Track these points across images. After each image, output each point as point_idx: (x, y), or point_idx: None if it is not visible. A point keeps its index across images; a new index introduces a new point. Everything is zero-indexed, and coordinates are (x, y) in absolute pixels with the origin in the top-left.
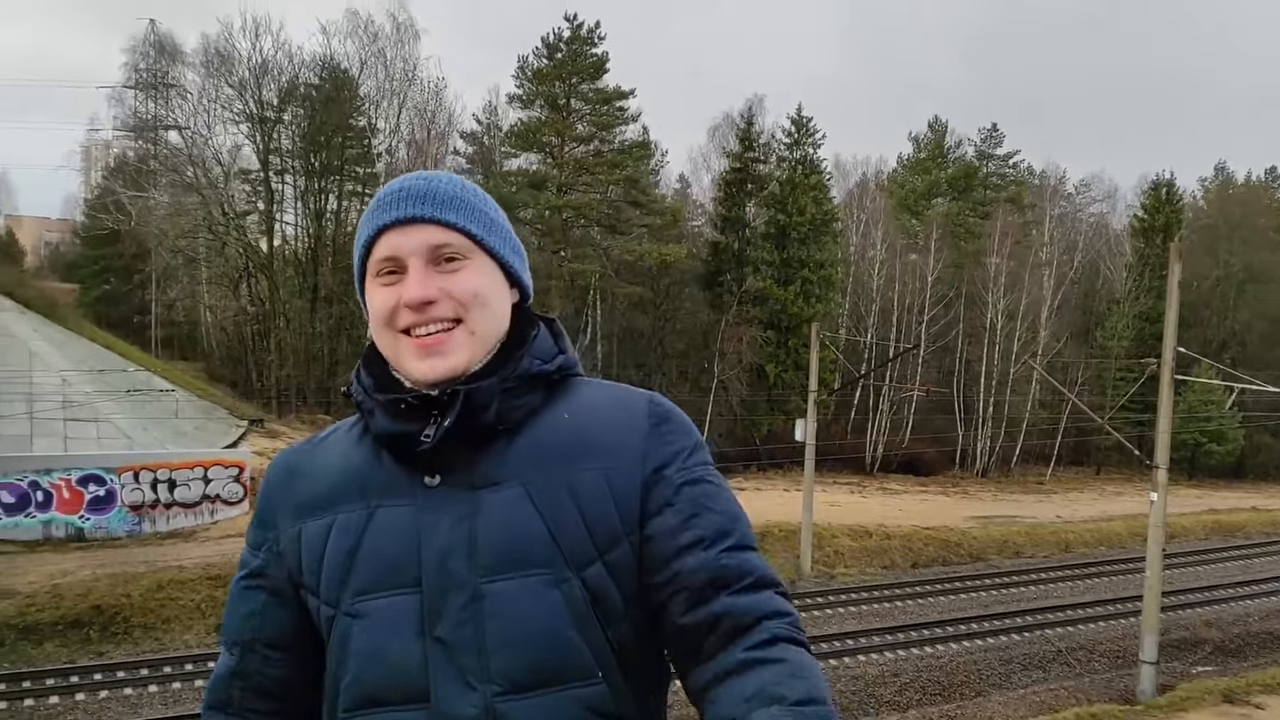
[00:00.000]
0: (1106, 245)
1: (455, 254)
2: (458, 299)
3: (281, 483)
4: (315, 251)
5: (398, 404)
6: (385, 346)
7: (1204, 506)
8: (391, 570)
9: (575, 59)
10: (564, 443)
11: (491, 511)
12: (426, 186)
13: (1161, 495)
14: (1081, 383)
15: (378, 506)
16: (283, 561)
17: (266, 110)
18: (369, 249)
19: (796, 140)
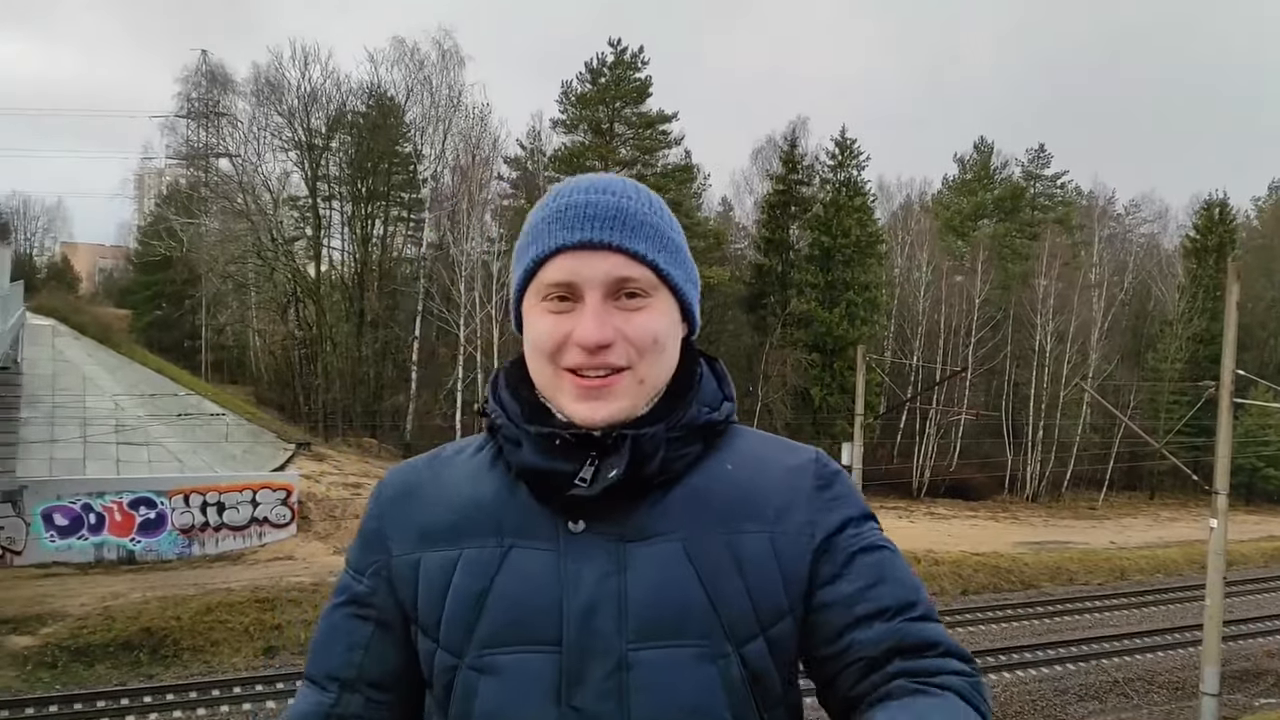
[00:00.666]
0: (1158, 266)
1: (638, 290)
2: (634, 344)
3: (398, 503)
4: (362, 276)
5: (552, 439)
6: (540, 376)
7: (1263, 533)
8: (527, 622)
9: (619, 83)
10: (726, 498)
11: (644, 568)
12: (615, 205)
13: (1222, 521)
14: (1134, 406)
15: (512, 546)
16: (393, 590)
17: (315, 138)
18: (538, 266)
19: (840, 162)
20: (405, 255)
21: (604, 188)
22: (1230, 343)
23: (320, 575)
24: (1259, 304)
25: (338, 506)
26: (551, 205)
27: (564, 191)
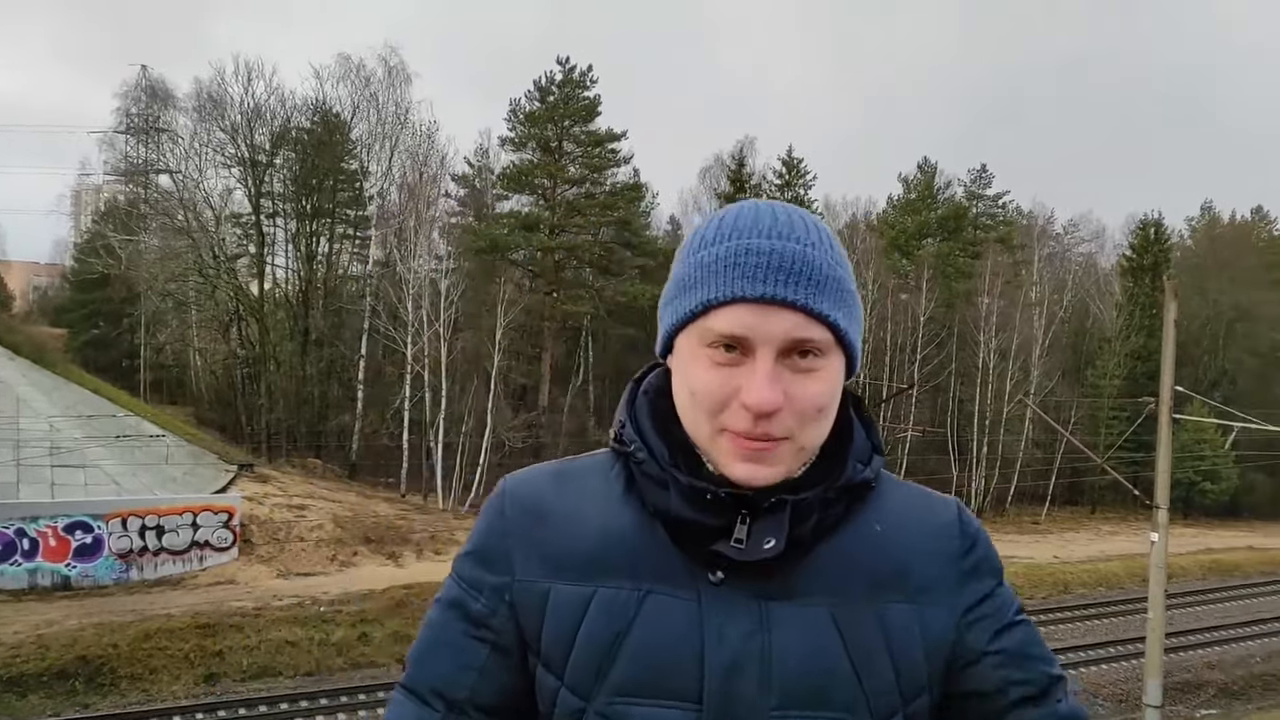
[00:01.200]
0: (1095, 284)
1: (814, 350)
2: (801, 412)
3: (526, 523)
4: (306, 294)
5: (703, 494)
6: (696, 426)
7: (1200, 546)
8: (665, 674)
9: (567, 102)
10: (874, 562)
11: (790, 630)
12: (802, 256)
13: (1162, 535)
14: (1075, 422)
15: (650, 591)
16: (514, 615)
17: (258, 154)
18: (706, 310)
19: (787, 181)
20: (351, 273)
21: (788, 231)
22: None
23: (264, 599)
24: (1194, 322)
25: (281, 529)
26: (729, 245)
27: (740, 229)
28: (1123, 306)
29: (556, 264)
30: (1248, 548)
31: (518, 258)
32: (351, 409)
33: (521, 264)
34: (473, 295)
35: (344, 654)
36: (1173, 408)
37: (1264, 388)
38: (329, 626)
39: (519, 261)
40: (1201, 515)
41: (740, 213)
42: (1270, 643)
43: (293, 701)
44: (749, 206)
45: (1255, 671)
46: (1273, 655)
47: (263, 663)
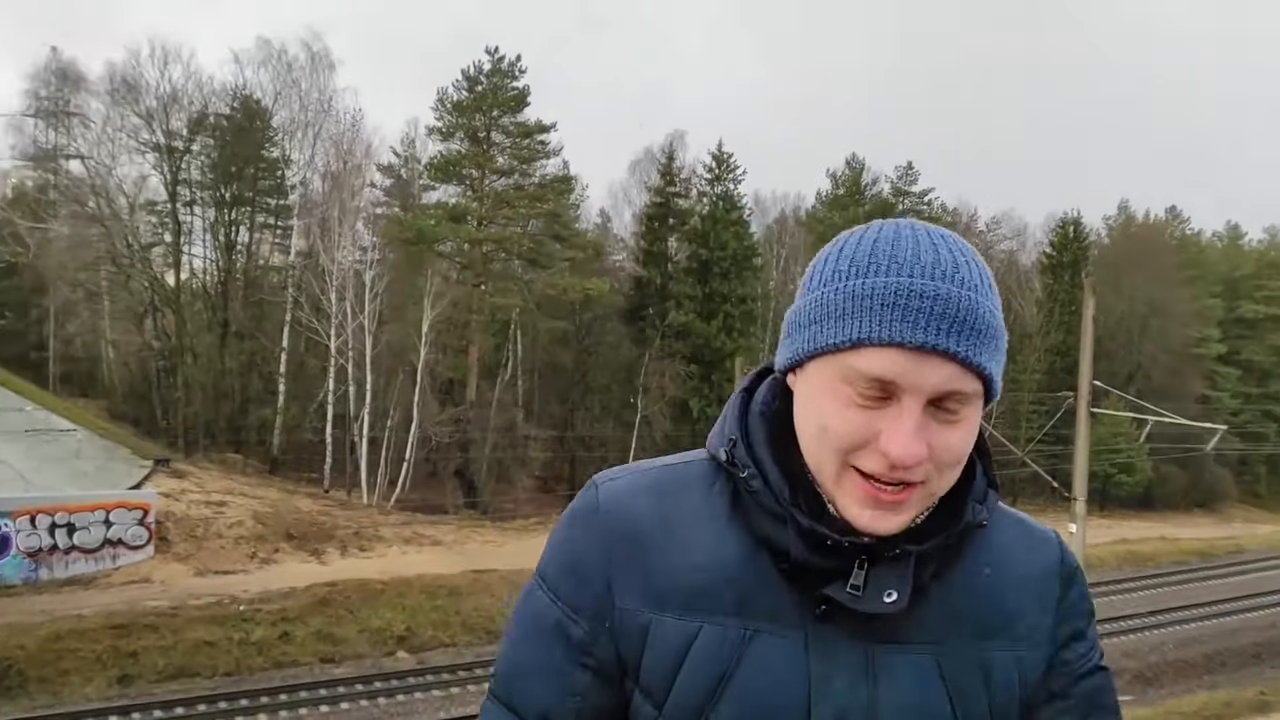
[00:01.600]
0: (1017, 281)
1: (962, 400)
2: (941, 462)
3: (626, 546)
4: (225, 285)
5: (824, 540)
6: (821, 463)
7: (1116, 537)
8: (770, 719)
9: (496, 92)
10: (982, 608)
11: (896, 679)
12: (966, 302)
13: (1081, 526)
14: (997, 416)
15: (757, 631)
16: (614, 642)
17: (175, 140)
18: (853, 347)
19: (717, 176)
20: (272, 263)
21: (952, 272)
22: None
23: (180, 598)
24: (1110, 317)
25: (199, 526)
26: (887, 281)
27: (901, 261)
28: (1043, 303)
29: (485, 256)
30: (1160, 538)
31: (445, 249)
32: (273, 403)
33: (449, 256)
34: (399, 287)
35: (265, 653)
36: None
37: (1177, 382)
38: (249, 626)
39: (446, 253)
40: (1117, 507)
41: (898, 240)
42: (1182, 630)
43: (211, 703)
44: (907, 233)
45: (1167, 658)
46: (1184, 642)
47: (179, 663)
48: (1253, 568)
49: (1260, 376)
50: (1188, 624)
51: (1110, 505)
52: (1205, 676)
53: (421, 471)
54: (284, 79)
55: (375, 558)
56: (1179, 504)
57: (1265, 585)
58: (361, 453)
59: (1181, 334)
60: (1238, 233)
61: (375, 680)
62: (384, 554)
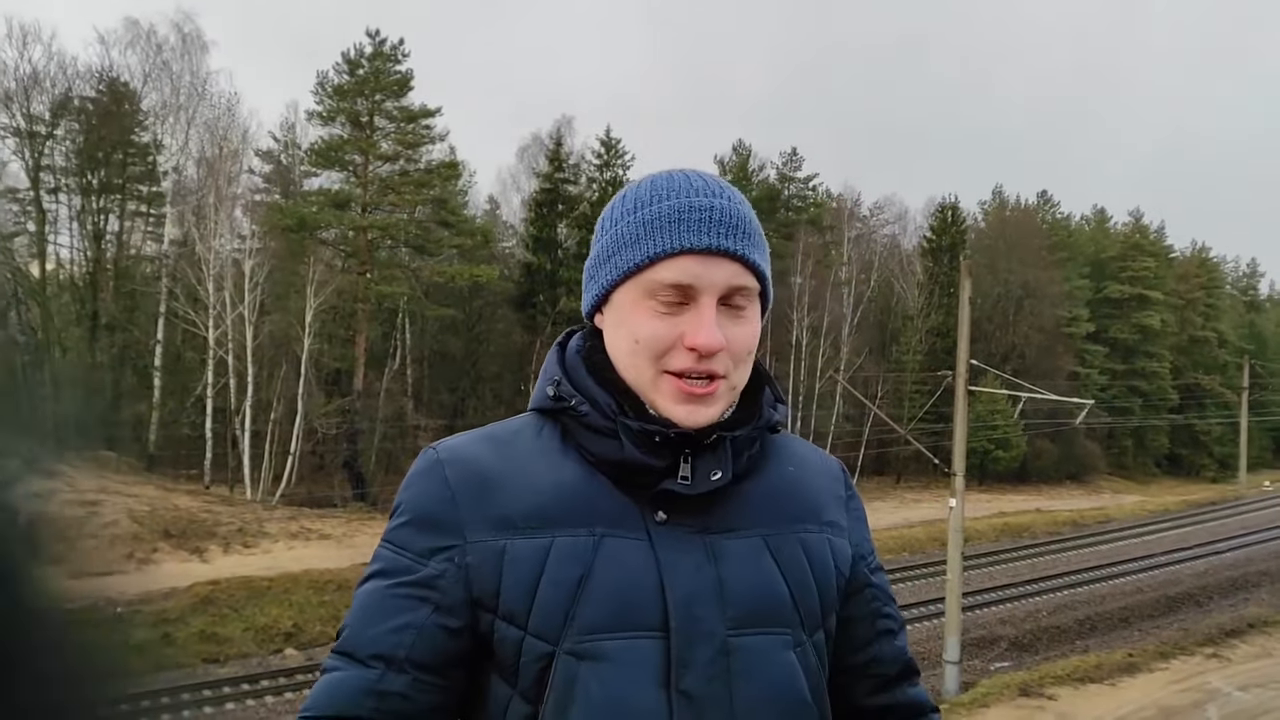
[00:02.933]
0: (899, 264)
1: (744, 298)
2: (735, 354)
3: (472, 487)
4: (94, 276)
5: (652, 436)
6: (637, 373)
7: (994, 510)
8: (631, 609)
9: (378, 75)
10: (793, 497)
11: (734, 560)
12: (736, 212)
13: (960, 501)
14: (881, 396)
15: (605, 535)
16: (464, 576)
17: (37, 124)
18: (651, 262)
19: (606, 161)
20: (145, 253)
21: (719, 190)
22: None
23: None
24: (987, 299)
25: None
26: (671, 203)
27: (676, 190)
28: (924, 285)
29: (370, 243)
30: (1035, 510)
31: (328, 237)
32: (148, 397)
33: (332, 243)
34: (280, 276)
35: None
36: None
37: (1049, 360)
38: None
39: (330, 241)
40: (995, 481)
41: (671, 178)
42: (1055, 598)
43: None
44: (676, 173)
45: (1043, 625)
46: (1057, 609)
47: None
48: (1120, 536)
49: (1125, 353)
50: (1060, 591)
51: (989, 480)
52: (1077, 641)
53: (308, 464)
54: (153, 61)
55: (260, 554)
56: (1052, 477)
57: (1131, 552)
58: (244, 447)
59: (1053, 314)
60: (1104, 216)
61: (262, 679)
62: (269, 550)
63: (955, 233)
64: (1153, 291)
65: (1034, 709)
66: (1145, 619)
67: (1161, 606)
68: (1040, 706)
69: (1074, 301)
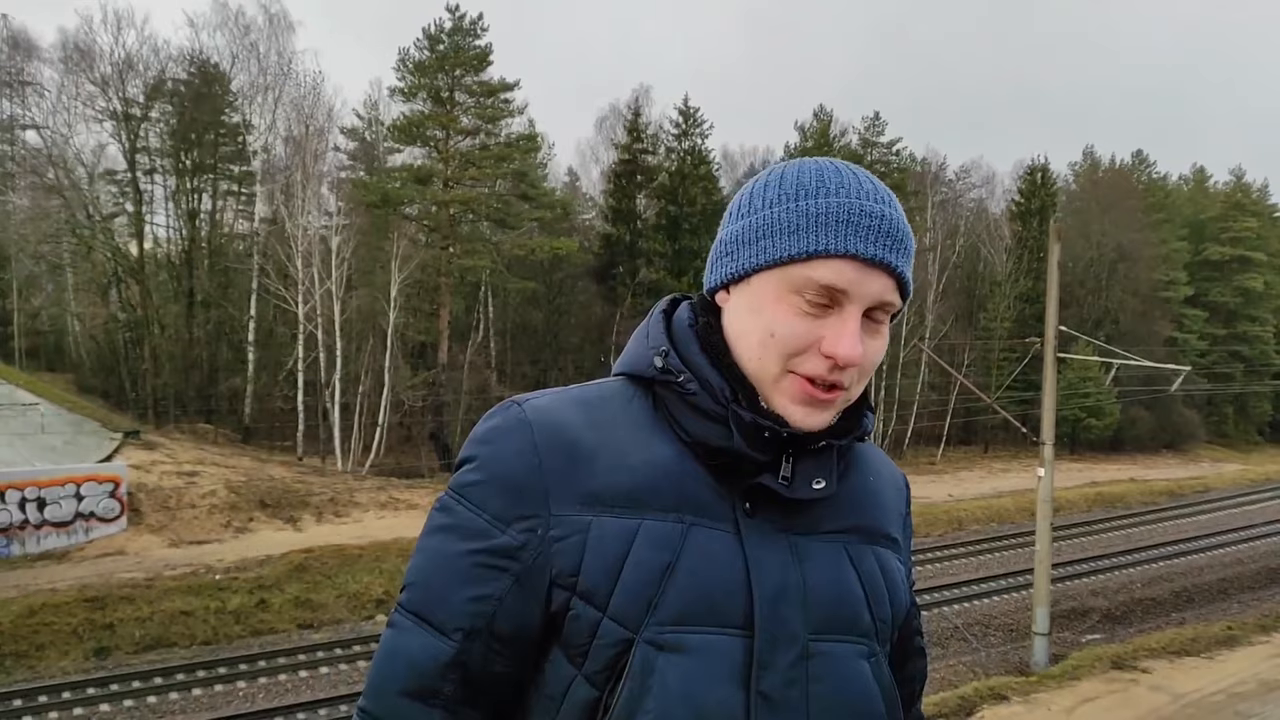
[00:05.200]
0: (986, 229)
1: (887, 313)
2: (864, 368)
3: (560, 457)
4: (190, 254)
5: (762, 431)
6: (761, 366)
7: (1086, 479)
8: (715, 603)
9: (458, 51)
10: (873, 507)
11: (817, 562)
12: (901, 225)
13: (1048, 470)
14: (968, 364)
15: (694, 524)
16: (547, 551)
17: (132, 107)
18: (808, 258)
19: (684, 131)
20: (237, 231)
21: (888, 199)
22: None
23: (155, 569)
24: (1078, 264)
25: (171, 496)
26: (840, 201)
27: (845, 187)
28: (1012, 250)
29: (451, 218)
30: (1130, 480)
31: (411, 212)
32: (243, 371)
33: (415, 218)
34: (365, 252)
35: (242, 622)
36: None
37: (1144, 325)
38: (225, 594)
39: (413, 216)
40: (1087, 450)
41: (839, 171)
42: (1150, 569)
43: (189, 671)
44: (841, 166)
45: (1136, 596)
46: (1152, 581)
47: (156, 634)
48: (1219, 506)
49: (1226, 318)
50: (1156, 562)
51: (1080, 449)
52: (1173, 613)
53: (395, 436)
54: (241, 42)
55: (351, 523)
56: (1148, 446)
57: (1231, 523)
58: (334, 419)
59: (1149, 278)
60: (1203, 175)
61: (354, 644)
62: (360, 519)
63: (1045, 195)
64: (1255, 253)
65: (1127, 682)
66: (1245, 591)
67: (1263, 578)
68: (1134, 679)
69: (1171, 264)
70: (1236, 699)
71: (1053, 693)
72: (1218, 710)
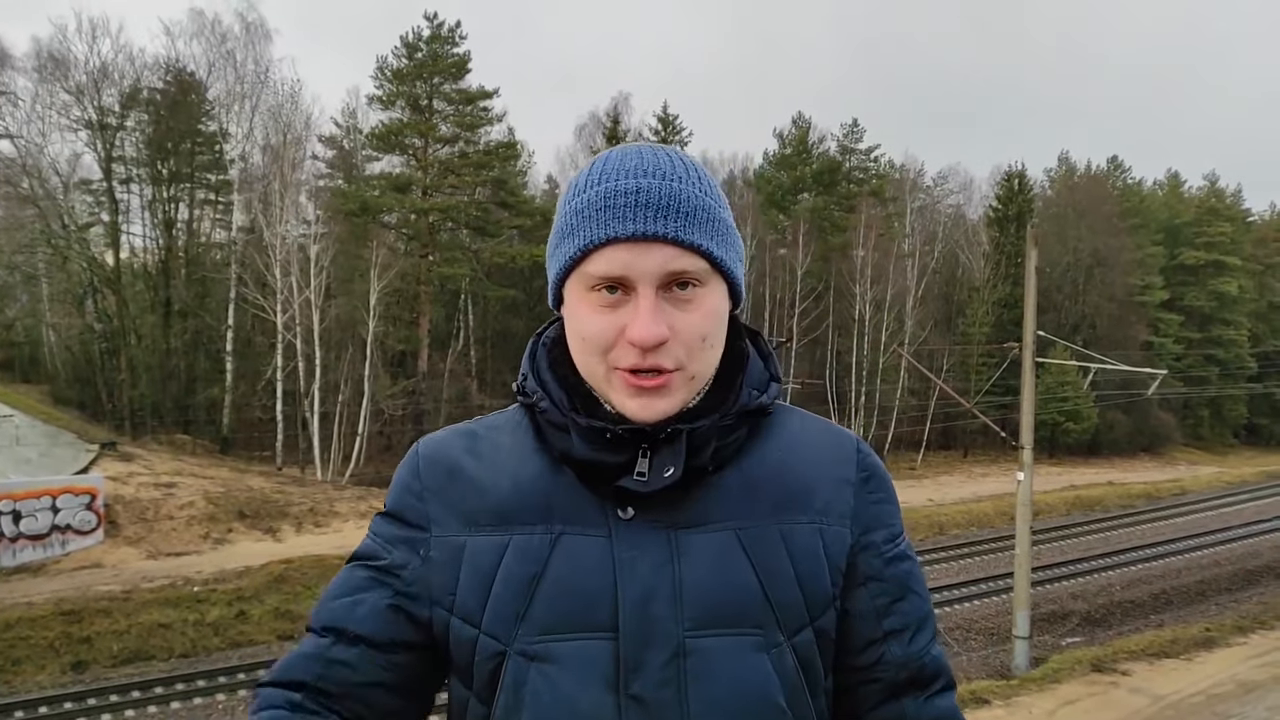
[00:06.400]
0: (964, 235)
1: (691, 280)
2: (687, 342)
3: (440, 482)
4: (166, 263)
5: (602, 433)
6: (589, 369)
7: (1065, 483)
8: (582, 609)
9: (436, 59)
10: (777, 487)
11: (699, 556)
12: (667, 191)
13: (1028, 474)
14: (947, 369)
15: (562, 533)
16: (428, 570)
17: (107, 116)
18: (584, 256)
19: (664, 138)
20: (214, 240)
21: (651, 169)
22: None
23: (132, 582)
24: (1055, 269)
25: (149, 508)
26: (597, 190)
27: (608, 173)
28: (990, 256)
29: (431, 226)
30: (1108, 483)
31: (390, 220)
32: (221, 381)
33: (394, 227)
34: (344, 260)
35: (221, 634)
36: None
37: (1121, 330)
38: (204, 606)
39: (392, 224)
40: (1065, 454)
41: (609, 157)
42: (1128, 572)
43: (168, 685)
44: (618, 150)
45: (1115, 599)
46: (1131, 583)
47: (134, 647)
48: (1196, 509)
49: (1201, 322)
50: (1134, 565)
51: (1059, 452)
52: (1152, 615)
53: (376, 445)
54: (218, 50)
55: (331, 533)
56: (1125, 449)
57: (1208, 525)
58: (313, 428)
59: (1125, 282)
60: (1177, 181)
61: None
62: (340, 529)
63: (1022, 201)
64: (1230, 257)
65: (1107, 684)
66: (1223, 593)
67: (1240, 580)
68: (1114, 682)
69: (1146, 269)
70: (1215, 700)
71: (1034, 696)
72: (1197, 711)
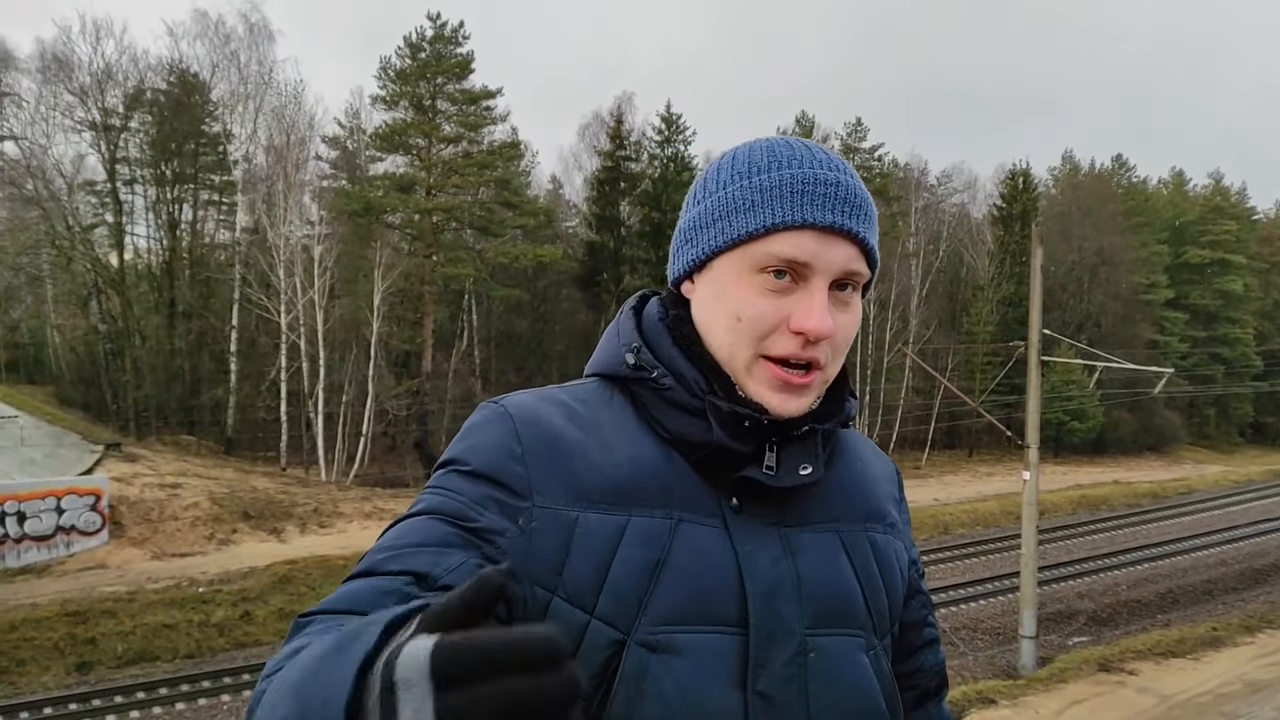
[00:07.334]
0: (969, 234)
1: (853, 282)
2: (837, 344)
3: (543, 448)
4: (170, 264)
5: (742, 420)
6: (733, 352)
7: (1070, 482)
8: (708, 600)
9: (439, 59)
10: (861, 493)
11: (811, 554)
12: (858, 191)
13: (1034, 473)
14: (952, 368)
15: (681, 519)
16: (528, 543)
17: (111, 117)
18: (766, 233)
19: (667, 138)
20: (218, 241)
21: (843, 166)
22: (1036, 305)
23: (137, 583)
24: (1060, 267)
25: (154, 509)
26: (792, 172)
27: (799, 158)
28: (994, 255)
29: (434, 226)
30: (1114, 482)
31: (394, 220)
32: (225, 382)
33: (398, 227)
34: (348, 260)
35: (225, 634)
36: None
37: (1126, 328)
38: (209, 607)
39: (395, 224)
40: (1071, 453)
41: (790, 145)
42: (1135, 571)
43: (172, 685)
44: (793, 141)
45: (1122, 599)
46: (1137, 583)
47: (139, 648)
48: (1202, 508)
49: (1206, 320)
50: (1140, 564)
51: (1064, 452)
52: (1159, 615)
53: (380, 446)
54: (221, 51)
55: (336, 534)
56: (1131, 448)
57: (1214, 524)
58: (318, 429)
59: (1130, 281)
60: (1182, 179)
61: None
62: (345, 530)
63: (1026, 200)
64: (1235, 255)
65: (1114, 684)
66: (1230, 592)
67: (1247, 579)
68: (1120, 681)
69: (1151, 268)
70: (1223, 699)
71: (1040, 696)
72: (1204, 711)
